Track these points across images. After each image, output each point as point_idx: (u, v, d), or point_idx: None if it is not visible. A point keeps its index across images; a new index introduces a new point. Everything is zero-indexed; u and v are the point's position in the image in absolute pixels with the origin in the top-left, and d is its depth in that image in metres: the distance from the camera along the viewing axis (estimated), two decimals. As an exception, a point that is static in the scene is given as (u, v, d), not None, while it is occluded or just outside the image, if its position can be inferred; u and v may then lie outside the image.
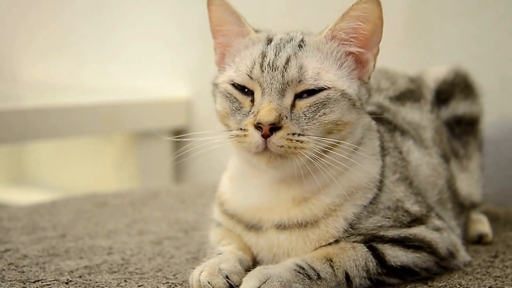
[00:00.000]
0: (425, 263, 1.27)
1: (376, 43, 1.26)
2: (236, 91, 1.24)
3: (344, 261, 1.20)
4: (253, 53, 1.25)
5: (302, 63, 1.21)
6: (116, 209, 1.98)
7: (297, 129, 1.17)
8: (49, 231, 1.71)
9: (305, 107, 1.19)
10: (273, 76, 1.19)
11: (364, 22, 1.23)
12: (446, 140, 1.63)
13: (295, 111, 1.19)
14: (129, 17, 3.19)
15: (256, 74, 1.21)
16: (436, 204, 1.43)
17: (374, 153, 1.31)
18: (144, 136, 2.86)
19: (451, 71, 1.73)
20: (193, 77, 2.93)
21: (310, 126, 1.19)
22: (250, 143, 1.18)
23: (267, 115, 1.15)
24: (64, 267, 1.39)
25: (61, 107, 2.59)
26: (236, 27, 1.30)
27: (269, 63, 1.21)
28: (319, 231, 1.25)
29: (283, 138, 1.16)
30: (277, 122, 1.16)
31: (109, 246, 1.56)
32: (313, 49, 1.24)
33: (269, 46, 1.25)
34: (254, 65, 1.22)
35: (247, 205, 1.31)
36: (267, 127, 1.15)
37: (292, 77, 1.19)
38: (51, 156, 3.37)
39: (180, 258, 1.47)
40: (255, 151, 1.18)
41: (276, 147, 1.16)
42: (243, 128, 1.19)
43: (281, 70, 1.20)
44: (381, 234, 1.25)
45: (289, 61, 1.21)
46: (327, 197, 1.25)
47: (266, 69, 1.20)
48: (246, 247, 1.32)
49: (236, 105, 1.23)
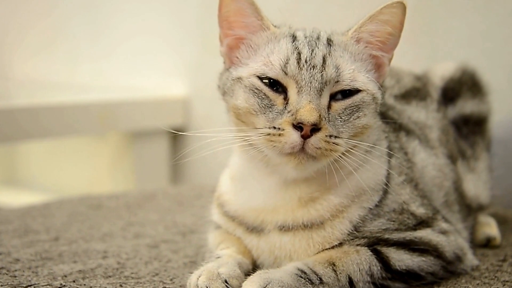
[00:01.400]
0: (431, 267, 1.27)
1: (394, 48, 1.28)
2: (266, 87, 1.22)
3: (347, 265, 1.20)
4: (282, 48, 1.23)
5: (338, 63, 1.22)
6: (111, 212, 1.98)
7: (334, 131, 1.18)
8: (41, 234, 1.71)
9: (341, 109, 1.20)
10: (312, 74, 1.19)
11: (391, 26, 1.25)
12: (452, 140, 1.63)
13: (331, 112, 1.20)
14: (125, 12, 3.19)
15: (293, 71, 1.20)
16: (443, 207, 1.43)
17: (382, 154, 1.32)
18: (140, 136, 2.86)
19: (458, 69, 1.73)
20: (190, 75, 2.93)
21: (345, 129, 1.20)
22: (285, 143, 1.16)
23: (309, 115, 1.15)
24: (58, 272, 1.40)
25: (54, 105, 2.59)
26: (255, 20, 1.27)
27: (306, 60, 1.20)
28: (324, 233, 1.25)
29: (322, 140, 1.16)
30: (319, 123, 1.16)
31: (104, 249, 1.56)
32: (342, 50, 1.25)
33: (299, 42, 1.24)
34: (289, 61, 1.20)
35: (250, 206, 1.31)
36: (308, 127, 1.15)
37: (330, 76, 1.20)
38: (43, 157, 3.37)
39: (177, 262, 1.48)
40: (288, 152, 1.17)
41: (313, 148, 1.16)
42: (277, 127, 1.17)
43: (320, 68, 1.19)
44: (386, 237, 1.25)
45: (325, 60, 1.21)
46: (336, 197, 1.26)
47: (304, 66, 1.19)
48: (246, 251, 1.32)
49: (266, 102, 1.21)
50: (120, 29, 3.20)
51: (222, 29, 1.30)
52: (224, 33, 1.30)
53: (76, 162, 3.17)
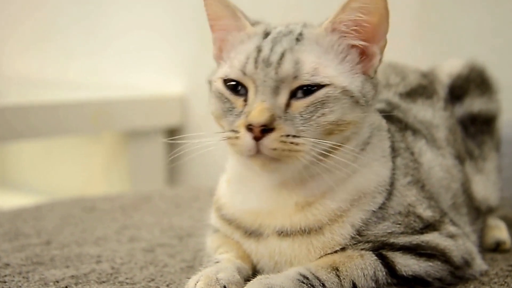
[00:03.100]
0: (439, 273, 1.27)
1: (382, 36, 1.25)
2: (227, 90, 1.24)
3: (351, 270, 1.20)
4: (248, 48, 1.24)
5: (299, 57, 1.20)
6: (105, 214, 1.98)
7: (292, 130, 1.17)
8: (33, 237, 1.71)
9: (302, 107, 1.19)
10: (266, 72, 1.19)
11: (366, 14, 1.22)
12: (460, 140, 1.63)
13: (290, 110, 1.19)
14: (119, 7, 3.20)
15: (250, 70, 1.21)
16: (450, 209, 1.43)
17: (384, 154, 1.31)
18: (136, 136, 2.86)
19: (466, 66, 1.73)
20: (188, 72, 2.93)
21: (307, 128, 1.18)
22: (241, 145, 1.18)
23: (258, 116, 1.15)
24: (49, 277, 1.40)
25: (46, 104, 2.60)
26: (232, 21, 1.30)
27: (264, 59, 1.20)
28: (324, 238, 1.25)
29: (276, 140, 1.15)
30: (269, 123, 1.15)
31: (98, 254, 1.56)
32: (312, 43, 1.24)
33: (266, 40, 1.25)
34: (248, 60, 1.22)
35: (246, 209, 1.31)
36: (258, 129, 1.15)
37: (287, 72, 1.19)
38: (34, 158, 3.37)
39: (174, 266, 1.48)
40: (247, 154, 1.18)
41: (268, 149, 1.16)
42: (235, 129, 1.19)
43: (274, 65, 1.19)
44: (391, 241, 1.25)
45: (284, 56, 1.20)
46: (332, 202, 1.25)
47: (260, 65, 1.20)
48: (245, 255, 1.32)
49: (228, 105, 1.24)
50: (114, 24, 3.20)
51: (211, 32, 1.34)
52: (213, 35, 1.34)
53: (69, 163, 3.18)
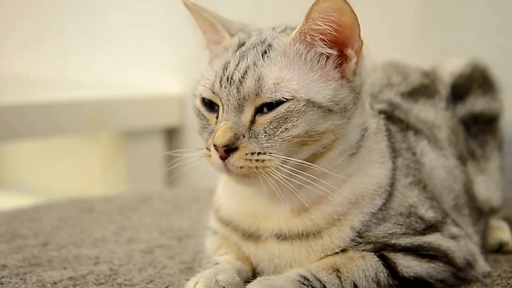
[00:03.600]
0: (441, 274, 1.27)
1: (355, 38, 1.21)
2: (203, 107, 1.26)
3: (352, 271, 1.20)
4: (218, 64, 1.25)
5: (261, 73, 1.19)
6: (103, 215, 1.98)
7: (257, 147, 1.18)
8: (30, 239, 1.71)
9: (265, 123, 1.18)
10: (229, 90, 1.20)
11: (330, 21, 1.19)
12: (462, 140, 1.63)
13: (254, 127, 1.19)
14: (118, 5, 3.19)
15: (217, 89, 1.22)
16: (452, 210, 1.43)
17: (382, 155, 1.31)
18: (134, 135, 2.86)
19: (469, 65, 1.73)
20: (187, 71, 2.93)
21: (271, 144, 1.18)
22: (213, 163, 1.21)
23: (221, 137, 1.17)
24: (47, 278, 1.40)
25: (43, 103, 2.60)
26: (213, 35, 1.32)
27: (228, 77, 1.20)
28: (322, 241, 1.25)
29: (241, 158, 1.17)
30: (231, 144, 1.17)
31: (96, 255, 1.56)
32: (278, 54, 1.22)
33: (235, 54, 1.24)
34: (216, 78, 1.22)
35: (242, 212, 1.32)
36: (222, 149, 1.17)
37: (248, 90, 1.18)
38: (32, 158, 3.37)
39: (173, 268, 1.48)
40: (219, 171, 1.22)
41: (235, 168, 1.18)
42: (208, 147, 1.21)
43: (237, 84, 1.19)
44: (393, 242, 1.25)
45: (246, 73, 1.20)
46: (328, 207, 1.25)
47: (223, 84, 1.21)
48: (245, 257, 1.32)
49: (204, 123, 1.26)
50: (112, 23, 3.20)
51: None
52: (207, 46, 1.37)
53: (66, 163, 3.17)
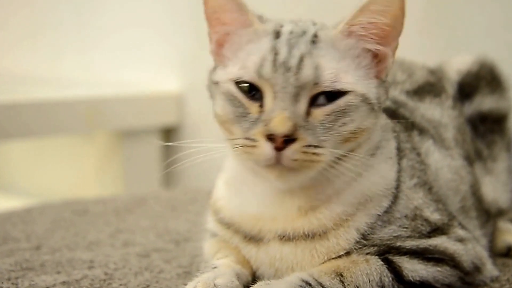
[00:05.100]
0: (447, 278, 1.27)
1: (397, 37, 1.25)
2: (241, 94, 1.21)
3: (356, 275, 1.20)
4: (261, 48, 1.22)
5: (318, 62, 1.19)
6: (98, 218, 1.98)
7: (314, 140, 1.16)
8: (22, 242, 1.71)
9: (323, 115, 1.18)
10: (286, 77, 1.17)
11: (386, 16, 1.21)
12: (469, 140, 1.63)
13: (311, 119, 1.17)
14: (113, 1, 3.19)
15: (268, 74, 1.18)
16: (459, 212, 1.43)
17: (391, 156, 1.31)
18: (130, 135, 2.86)
19: (476, 62, 1.73)
20: (185, 69, 2.93)
21: (328, 137, 1.17)
22: (259, 155, 1.16)
23: (281, 126, 1.13)
24: (40, 283, 1.40)
25: (36, 102, 2.60)
26: (238, 15, 1.26)
27: (282, 62, 1.18)
28: (328, 243, 1.25)
29: (298, 151, 1.14)
30: (292, 134, 1.14)
31: (90, 259, 1.56)
32: (328, 46, 1.22)
33: (280, 40, 1.22)
34: (265, 63, 1.19)
35: (246, 213, 1.31)
36: (281, 139, 1.13)
37: (307, 78, 1.17)
38: (24, 158, 3.37)
39: (170, 272, 1.48)
40: (264, 164, 1.17)
41: (289, 161, 1.15)
42: (252, 138, 1.17)
43: (295, 70, 1.17)
44: (398, 245, 1.25)
45: (303, 60, 1.18)
46: (338, 206, 1.25)
47: (279, 69, 1.18)
48: (244, 261, 1.32)
49: (241, 110, 1.20)
50: (108, 19, 3.20)
51: (209, 25, 1.30)
52: (211, 29, 1.31)
53: (60, 164, 3.17)
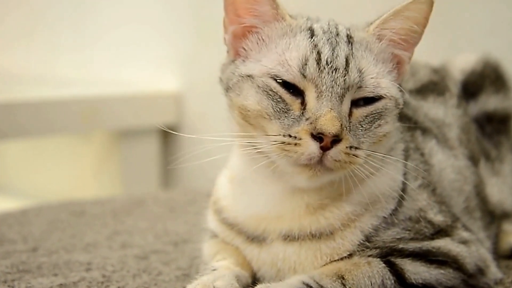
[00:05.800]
0: (451, 281, 1.26)
1: (416, 45, 1.28)
2: (282, 89, 1.20)
3: (357, 278, 1.20)
4: (300, 45, 1.21)
5: (361, 65, 1.20)
6: (96, 219, 1.98)
7: (355, 141, 1.17)
8: (18, 244, 1.71)
9: (362, 116, 1.20)
10: (334, 78, 1.17)
11: (415, 23, 1.24)
12: (474, 140, 1.63)
13: (352, 120, 1.19)
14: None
15: (312, 73, 1.18)
16: (463, 213, 1.43)
17: (398, 157, 1.31)
18: (128, 135, 2.86)
19: (480, 61, 1.73)
20: (184, 68, 2.93)
21: (366, 139, 1.19)
22: (302, 154, 1.15)
23: (331, 125, 1.14)
24: (36, 285, 1.39)
25: (32, 101, 2.60)
26: (269, 8, 1.25)
27: (328, 62, 1.18)
28: (334, 243, 1.25)
29: (342, 152, 1.15)
30: (340, 134, 1.14)
31: (88, 261, 1.56)
32: (363, 48, 1.24)
33: (319, 39, 1.22)
34: (308, 61, 1.19)
35: (251, 213, 1.30)
36: (329, 139, 1.14)
37: (354, 81, 1.18)
38: (20, 158, 3.37)
39: (169, 275, 1.48)
40: (304, 163, 1.16)
41: (332, 161, 1.15)
42: (294, 135, 1.16)
43: (342, 72, 1.18)
44: (400, 247, 1.25)
45: (348, 62, 1.19)
46: (348, 205, 1.25)
47: (325, 68, 1.18)
48: (244, 262, 1.32)
49: (281, 106, 1.19)
50: (106, 17, 3.20)
51: (227, 14, 1.27)
52: (230, 19, 1.27)
53: (57, 164, 3.17)
